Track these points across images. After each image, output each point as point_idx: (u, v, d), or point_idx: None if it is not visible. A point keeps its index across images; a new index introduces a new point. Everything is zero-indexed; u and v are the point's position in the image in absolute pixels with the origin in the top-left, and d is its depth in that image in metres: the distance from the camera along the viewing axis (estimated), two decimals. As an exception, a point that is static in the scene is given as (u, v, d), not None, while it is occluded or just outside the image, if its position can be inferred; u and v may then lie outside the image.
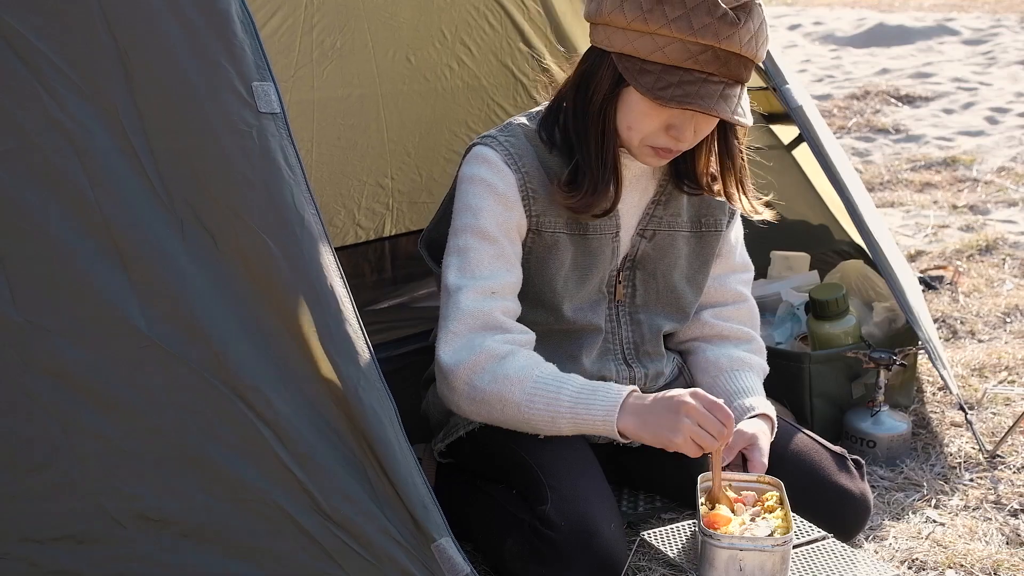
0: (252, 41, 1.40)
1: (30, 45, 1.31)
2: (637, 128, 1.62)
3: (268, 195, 1.37)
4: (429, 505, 1.38)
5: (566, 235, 1.72)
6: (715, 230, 1.87)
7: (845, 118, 5.73)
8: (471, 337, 1.61)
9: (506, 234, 1.67)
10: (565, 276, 1.73)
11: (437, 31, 2.59)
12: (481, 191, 1.66)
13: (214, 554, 1.37)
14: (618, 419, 1.56)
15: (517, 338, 1.65)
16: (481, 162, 1.68)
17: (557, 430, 1.61)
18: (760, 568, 1.46)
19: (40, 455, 1.33)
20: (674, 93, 1.52)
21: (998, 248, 3.58)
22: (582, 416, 1.58)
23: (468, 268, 1.64)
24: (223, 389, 1.36)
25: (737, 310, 1.95)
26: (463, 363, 1.60)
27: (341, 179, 2.59)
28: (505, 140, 1.69)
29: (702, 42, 1.51)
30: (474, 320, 1.62)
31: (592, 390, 1.59)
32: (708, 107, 1.53)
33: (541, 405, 1.58)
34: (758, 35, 1.54)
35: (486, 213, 1.65)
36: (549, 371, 1.61)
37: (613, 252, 1.78)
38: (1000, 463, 2.13)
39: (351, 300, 1.41)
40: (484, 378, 1.59)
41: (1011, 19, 8.60)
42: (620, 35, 1.56)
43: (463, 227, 1.67)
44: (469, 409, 1.64)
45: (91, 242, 1.33)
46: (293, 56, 2.39)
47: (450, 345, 1.62)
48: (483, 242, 1.65)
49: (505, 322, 1.65)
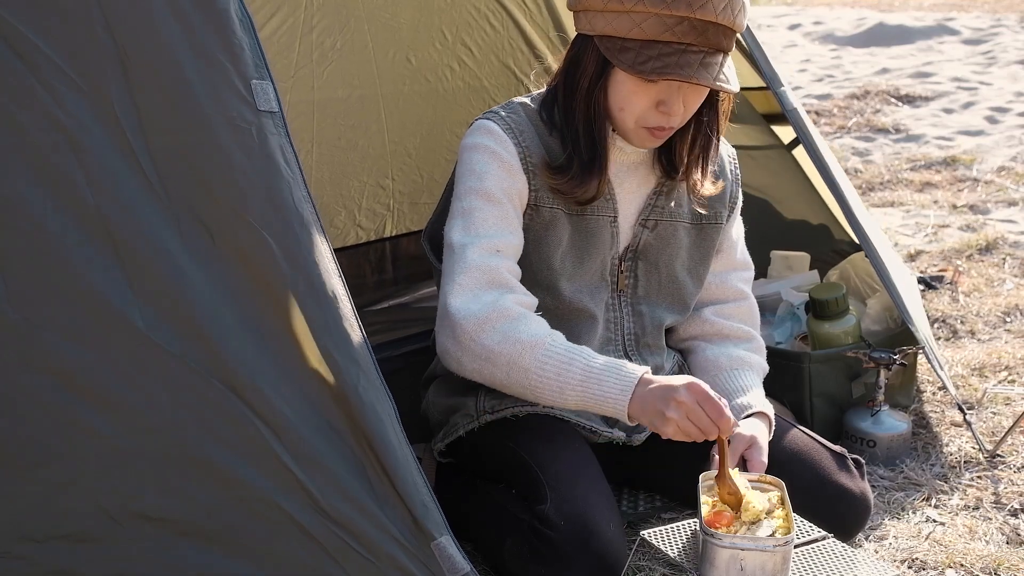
0: (250, 39, 1.40)
1: (28, 42, 1.31)
2: (628, 108, 1.64)
3: (267, 193, 1.37)
4: (429, 504, 1.38)
5: (563, 213, 1.73)
6: (715, 222, 1.88)
7: (845, 118, 5.73)
8: (479, 292, 1.60)
9: (509, 199, 1.68)
10: (562, 255, 1.74)
11: (438, 32, 2.59)
12: (485, 157, 1.68)
13: (214, 554, 1.37)
14: (630, 402, 1.54)
15: (524, 299, 1.64)
16: (485, 132, 1.70)
17: (563, 401, 1.59)
18: (761, 568, 1.46)
19: (39, 454, 1.33)
20: (654, 66, 1.55)
21: (998, 248, 3.58)
22: (592, 391, 1.56)
23: (473, 227, 1.65)
24: (222, 387, 1.35)
25: (738, 308, 1.96)
26: (472, 316, 1.58)
27: (342, 180, 2.59)
28: (507, 116, 1.72)
29: (676, 14, 1.54)
30: (481, 275, 1.61)
31: (604, 367, 1.57)
32: (688, 75, 1.55)
33: (552, 374, 1.56)
34: (733, 3, 1.57)
35: (491, 176, 1.67)
36: (561, 340, 1.60)
37: (612, 237, 1.79)
38: (1000, 463, 2.13)
39: (350, 299, 1.41)
40: (493, 337, 1.58)
41: (1011, 19, 8.59)
42: (599, 18, 1.60)
43: (467, 190, 1.68)
44: (471, 366, 1.61)
45: (89, 240, 1.33)
46: (293, 57, 2.39)
47: (459, 297, 1.60)
48: (488, 203, 1.66)
49: (511, 281, 1.64)
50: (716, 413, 1.50)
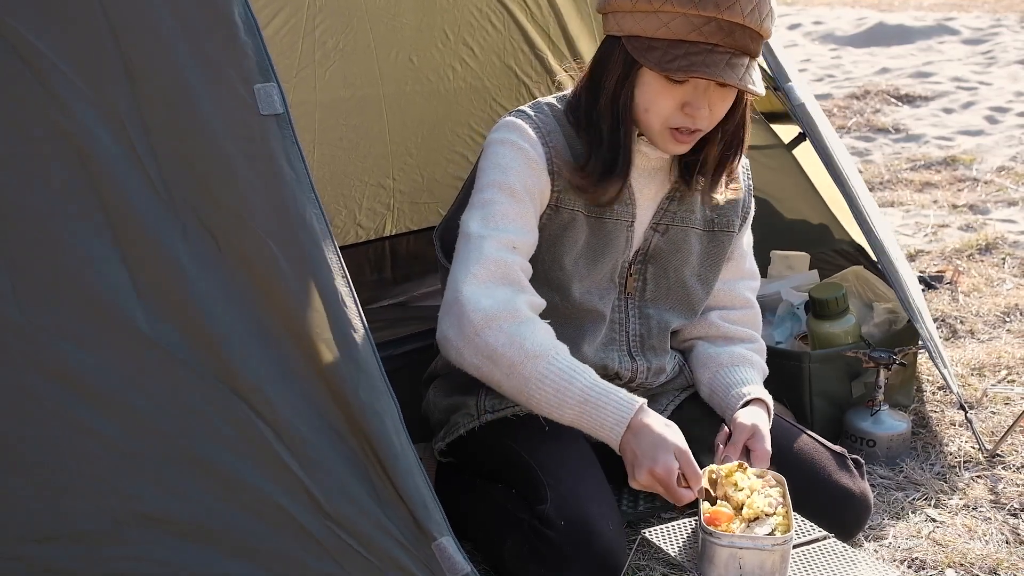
0: (255, 42, 1.40)
1: (34, 48, 1.32)
2: (654, 110, 1.65)
3: (269, 197, 1.38)
4: (429, 504, 1.38)
5: (583, 215, 1.73)
6: (727, 231, 1.89)
7: (845, 118, 5.73)
8: (492, 286, 1.60)
9: (531, 196, 1.68)
10: (576, 256, 1.74)
11: (440, 32, 2.59)
12: (512, 152, 1.68)
13: (214, 554, 1.38)
14: (624, 432, 1.56)
15: (534, 301, 1.64)
16: (513, 129, 1.70)
17: (558, 416, 1.60)
18: (760, 566, 1.46)
19: (41, 454, 1.33)
20: (680, 64, 1.57)
21: (998, 247, 3.58)
22: (590, 414, 1.57)
23: (492, 219, 1.65)
24: (225, 389, 1.36)
25: (744, 315, 1.97)
26: (482, 310, 1.57)
27: (343, 180, 2.59)
28: (535, 116, 1.73)
29: (704, 14, 1.55)
30: (496, 268, 1.61)
31: (604, 393, 1.57)
32: (714, 74, 1.56)
33: (551, 389, 1.57)
34: (761, 6, 1.58)
35: (515, 171, 1.67)
36: (565, 354, 1.60)
37: (627, 241, 1.79)
38: (1000, 462, 2.13)
39: (355, 300, 1.41)
40: (499, 338, 1.57)
41: (1011, 19, 8.59)
42: (628, 18, 1.61)
43: (490, 183, 1.68)
44: (471, 361, 1.60)
45: (94, 244, 1.33)
46: (295, 57, 2.39)
47: (471, 286, 1.59)
48: (509, 198, 1.66)
49: (523, 279, 1.65)
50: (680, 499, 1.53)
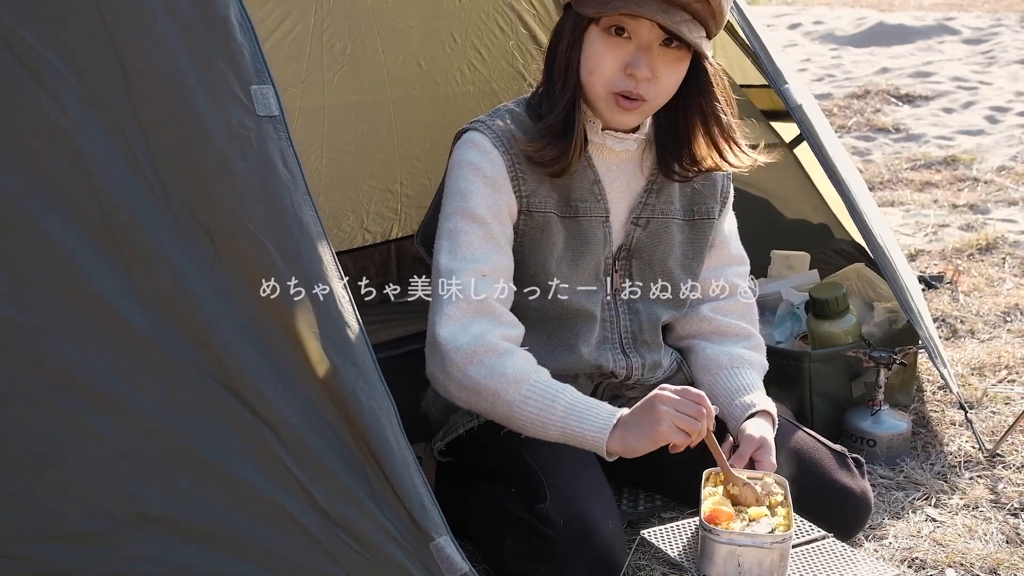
0: (251, 44, 1.40)
1: (30, 47, 1.32)
2: (598, 71, 1.66)
3: (266, 198, 1.38)
4: (428, 504, 1.39)
5: (556, 216, 1.74)
6: (708, 218, 1.89)
7: (845, 117, 5.73)
8: (467, 323, 1.63)
9: (496, 216, 1.69)
10: (558, 258, 1.75)
11: (447, 36, 2.59)
12: (470, 175, 1.69)
13: (214, 554, 1.38)
14: (608, 439, 1.57)
15: (510, 333, 1.66)
16: (470, 146, 1.71)
17: (544, 435, 1.62)
18: (758, 564, 1.47)
19: (40, 455, 1.33)
20: (615, 4, 1.59)
21: (998, 247, 3.58)
22: (573, 427, 1.59)
23: (459, 251, 1.66)
24: (222, 389, 1.36)
25: (735, 304, 1.96)
26: (460, 348, 1.61)
27: (351, 184, 2.59)
28: (492, 123, 1.73)
29: None
30: (468, 305, 1.63)
31: (586, 406, 1.60)
32: (643, 10, 1.57)
33: (534, 409, 1.60)
34: None
35: (475, 196, 1.68)
36: (545, 376, 1.63)
37: (605, 237, 1.80)
38: (1000, 462, 2.13)
39: (351, 301, 1.42)
40: (480, 371, 1.60)
41: (1011, 18, 8.59)
42: None
43: (453, 211, 1.69)
44: (458, 395, 1.65)
45: (92, 244, 1.33)
46: (303, 62, 2.39)
47: (446, 327, 1.63)
48: (473, 224, 1.67)
49: (498, 309, 1.66)
50: (697, 397, 1.54)
